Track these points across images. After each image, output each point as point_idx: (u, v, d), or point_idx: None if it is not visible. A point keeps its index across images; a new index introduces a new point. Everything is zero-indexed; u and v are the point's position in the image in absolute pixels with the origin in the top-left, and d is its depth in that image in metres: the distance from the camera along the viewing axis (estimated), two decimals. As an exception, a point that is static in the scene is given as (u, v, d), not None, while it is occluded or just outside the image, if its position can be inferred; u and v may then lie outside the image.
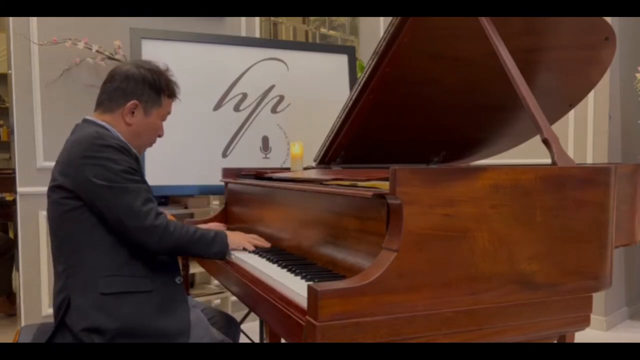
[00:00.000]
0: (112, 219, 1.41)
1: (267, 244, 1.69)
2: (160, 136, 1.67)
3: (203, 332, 1.49)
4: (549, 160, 1.31)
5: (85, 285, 1.41)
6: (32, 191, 2.79)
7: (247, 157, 2.80)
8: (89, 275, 1.41)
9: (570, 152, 3.25)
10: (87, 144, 1.43)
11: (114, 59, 2.84)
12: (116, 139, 1.48)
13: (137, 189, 1.43)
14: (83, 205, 1.42)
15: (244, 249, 1.63)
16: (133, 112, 1.56)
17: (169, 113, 1.65)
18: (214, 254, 1.55)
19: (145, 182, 1.50)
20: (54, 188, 1.46)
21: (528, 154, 2.39)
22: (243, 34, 3.46)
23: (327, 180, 1.49)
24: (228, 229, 2.02)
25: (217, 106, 2.80)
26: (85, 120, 1.55)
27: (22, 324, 2.79)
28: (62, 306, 1.42)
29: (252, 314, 2.04)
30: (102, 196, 1.40)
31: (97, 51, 2.84)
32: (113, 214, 1.40)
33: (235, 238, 1.63)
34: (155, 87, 1.57)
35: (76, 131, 1.53)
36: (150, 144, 1.67)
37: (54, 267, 1.49)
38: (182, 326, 1.44)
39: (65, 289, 1.43)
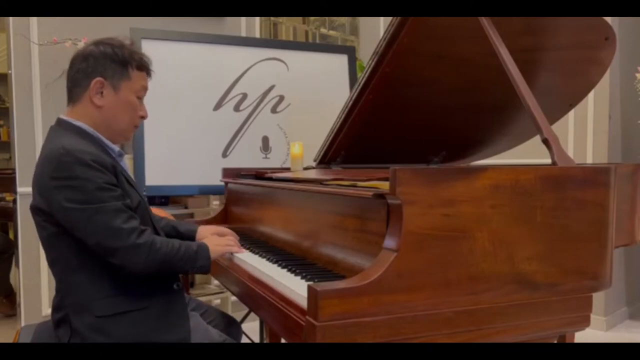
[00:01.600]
0: (91, 243, 1.30)
1: (236, 236, 1.65)
2: (143, 117, 1.50)
3: (202, 336, 1.48)
4: (549, 160, 1.31)
5: (80, 307, 1.36)
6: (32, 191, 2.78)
7: (247, 157, 2.80)
8: (83, 298, 1.36)
9: (570, 152, 3.24)
10: (55, 163, 1.30)
11: (114, 59, 2.84)
12: (87, 152, 1.32)
13: (115, 207, 1.30)
14: (64, 231, 1.33)
15: (232, 254, 1.59)
16: (102, 93, 1.40)
17: (144, 88, 1.49)
18: (199, 268, 1.42)
19: (125, 194, 1.37)
20: (34, 208, 1.38)
21: (528, 154, 2.39)
22: (243, 34, 3.46)
23: (327, 180, 1.49)
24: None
25: (217, 106, 2.80)
26: (58, 122, 1.43)
27: (22, 324, 2.79)
28: (60, 324, 1.39)
29: (252, 314, 2.03)
30: (77, 220, 1.29)
31: (97, 51, 2.84)
32: (91, 237, 1.29)
33: (214, 248, 1.48)
34: (119, 59, 1.41)
35: (50, 137, 1.42)
36: (133, 127, 1.50)
37: (54, 278, 1.45)
38: (181, 338, 1.41)
39: (61, 307, 1.40)
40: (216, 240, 1.58)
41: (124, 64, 1.42)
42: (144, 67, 1.47)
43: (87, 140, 1.39)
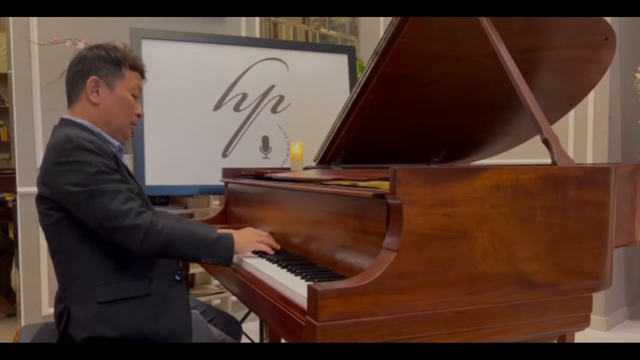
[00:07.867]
0: (92, 225, 1.35)
1: (275, 246, 1.59)
2: (139, 116, 1.56)
3: (203, 335, 1.48)
4: (549, 160, 1.31)
5: (82, 295, 1.38)
6: (32, 191, 2.75)
7: (247, 157, 2.80)
8: (85, 285, 1.38)
9: (570, 152, 3.25)
10: (58, 150, 1.37)
11: (114, 59, 2.84)
12: (88, 140, 1.39)
13: (114, 190, 1.35)
14: (67, 216, 1.38)
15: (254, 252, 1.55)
16: (97, 91, 1.48)
17: (138, 87, 1.55)
18: (217, 258, 1.42)
19: (125, 180, 1.43)
20: (38, 198, 1.42)
21: (528, 154, 2.39)
22: (243, 34, 3.46)
23: (327, 180, 1.49)
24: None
25: (217, 106, 2.80)
26: (62, 121, 1.50)
27: (22, 324, 2.79)
28: (62, 317, 1.40)
29: (252, 314, 2.03)
30: (78, 202, 1.34)
31: (97, 51, 2.84)
32: (92, 219, 1.34)
33: (242, 239, 1.50)
34: (112, 60, 1.49)
35: (53, 132, 1.47)
36: (130, 124, 1.55)
37: (55, 271, 1.47)
38: (183, 327, 1.42)
39: (63, 299, 1.41)
40: (249, 235, 1.57)
41: (117, 63, 1.51)
42: (137, 67, 1.55)
43: (88, 133, 1.46)
